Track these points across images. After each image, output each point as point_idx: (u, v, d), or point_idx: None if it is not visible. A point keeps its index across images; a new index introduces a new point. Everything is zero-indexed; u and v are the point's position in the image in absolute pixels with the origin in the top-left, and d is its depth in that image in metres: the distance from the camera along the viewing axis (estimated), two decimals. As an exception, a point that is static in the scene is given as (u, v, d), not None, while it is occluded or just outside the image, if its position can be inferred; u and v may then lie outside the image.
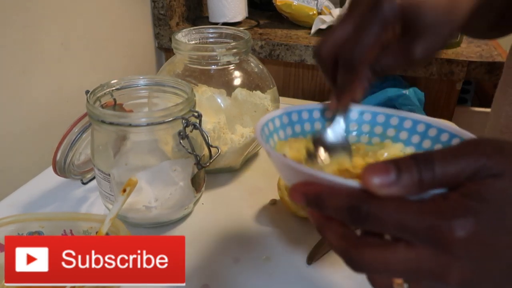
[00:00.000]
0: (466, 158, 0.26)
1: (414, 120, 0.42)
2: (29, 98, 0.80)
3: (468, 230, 0.24)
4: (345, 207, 0.27)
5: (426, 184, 0.26)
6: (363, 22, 0.36)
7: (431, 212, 0.25)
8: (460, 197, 0.25)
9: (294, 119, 0.43)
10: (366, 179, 0.26)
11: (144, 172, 0.53)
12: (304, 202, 0.29)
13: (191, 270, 0.51)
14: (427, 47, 0.37)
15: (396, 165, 0.26)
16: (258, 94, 0.67)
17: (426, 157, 0.26)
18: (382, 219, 0.26)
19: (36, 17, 0.79)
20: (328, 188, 0.28)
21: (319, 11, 1.24)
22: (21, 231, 0.50)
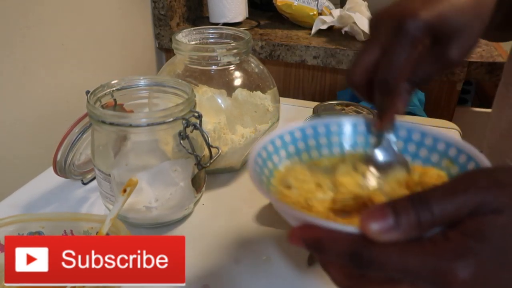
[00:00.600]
0: (464, 195, 0.26)
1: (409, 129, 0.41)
2: (30, 98, 0.80)
3: (470, 270, 0.24)
4: (346, 253, 0.26)
5: (425, 226, 0.26)
6: (391, 44, 0.37)
7: (433, 254, 0.25)
8: (460, 237, 0.25)
9: (287, 140, 0.41)
10: (364, 225, 0.26)
11: (145, 173, 0.53)
12: (304, 247, 0.29)
13: (192, 271, 0.51)
14: (462, 48, 0.37)
15: (393, 208, 0.26)
16: (259, 95, 0.67)
17: (422, 198, 0.26)
18: (385, 264, 0.26)
19: (36, 17, 0.79)
20: (327, 233, 0.27)
21: (320, 11, 1.24)
22: (22, 231, 0.50)
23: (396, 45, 0.36)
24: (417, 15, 0.36)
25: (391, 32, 0.37)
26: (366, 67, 0.38)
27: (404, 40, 0.36)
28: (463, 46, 0.37)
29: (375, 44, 0.38)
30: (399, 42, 0.36)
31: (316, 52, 1.08)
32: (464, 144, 0.38)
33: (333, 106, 0.83)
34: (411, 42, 0.36)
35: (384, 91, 0.38)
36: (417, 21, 0.36)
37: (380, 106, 0.40)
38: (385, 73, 0.37)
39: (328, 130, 0.43)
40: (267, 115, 0.67)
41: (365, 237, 0.26)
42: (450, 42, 0.37)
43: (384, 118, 0.40)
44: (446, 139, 0.39)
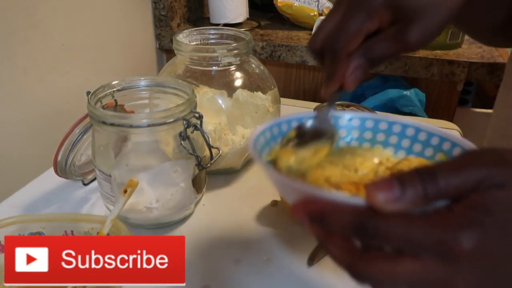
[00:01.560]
0: (469, 169, 0.26)
1: (404, 124, 0.41)
2: (30, 99, 0.80)
3: (474, 241, 0.25)
4: (351, 224, 0.27)
5: (430, 197, 0.26)
6: (348, 12, 0.37)
7: (437, 225, 0.25)
8: (464, 209, 0.25)
9: (284, 129, 0.41)
10: (371, 196, 0.26)
11: (145, 173, 0.53)
12: (308, 221, 0.29)
13: (192, 271, 0.51)
14: (423, 32, 0.36)
15: (399, 180, 0.26)
16: (259, 95, 0.67)
17: (429, 171, 0.26)
18: (390, 235, 0.26)
19: (37, 18, 0.79)
20: (331, 206, 0.28)
21: (320, 12, 1.24)
22: (22, 232, 0.50)
23: (352, 12, 0.37)
24: None
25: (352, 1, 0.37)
26: (324, 33, 0.39)
27: (360, 9, 0.37)
28: (424, 30, 0.36)
29: (336, 12, 0.38)
30: (356, 9, 0.37)
31: (316, 52, 1.08)
32: (447, 133, 0.38)
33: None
34: (367, 12, 0.36)
35: (330, 54, 0.38)
36: None
37: (327, 73, 0.40)
38: (334, 38, 0.38)
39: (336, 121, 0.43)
40: (268, 115, 0.67)
41: (371, 209, 0.26)
42: (410, 23, 0.36)
43: (328, 84, 0.40)
44: (440, 133, 0.39)
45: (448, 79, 1.03)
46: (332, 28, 0.38)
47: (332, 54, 0.38)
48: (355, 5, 0.37)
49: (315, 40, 0.40)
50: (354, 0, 0.37)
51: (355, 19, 0.37)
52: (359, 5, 0.37)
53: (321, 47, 0.39)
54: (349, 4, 0.38)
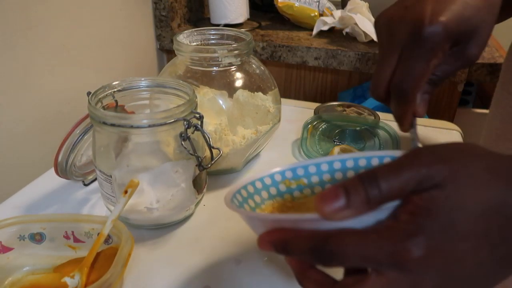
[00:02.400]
0: (408, 170, 0.26)
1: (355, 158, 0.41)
2: (31, 99, 0.80)
3: (422, 247, 0.25)
4: (309, 249, 0.28)
5: (374, 202, 0.27)
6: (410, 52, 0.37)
7: (387, 238, 0.26)
8: (408, 216, 0.26)
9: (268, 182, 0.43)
10: (319, 208, 0.27)
11: (146, 174, 0.53)
12: (273, 250, 0.30)
13: (193, 272, 0.51)
14: (480, 44, 0.38)
15: (344, 188, 0.27)
16: (260, 96, 0.67)
17: (370, 175, 0.27)
18: (345, 255, 0.27)
19: (38, 18, 0.79)
20: (291, 233, 0.29)
21: (321, 12, 1.24)
22: (23, 232, 0.50)
23: (413, 54, 0.37)
24: (435, 20, 0.35)
25: (410, 39, 0.36)
26: (387, 79, 0.39)
27: (423, 49, 0.36)
28: (481, 41, 0.38)
29: (393, 53, 0.38)
30: (416, 50, 0.36)
31: (317, 53, 1.08)
32: None
33: (334, 107, 0.83)
34: (431, 49, 0.36)
35: (401, 100, 0.39)
36: (436, 26, 0.35)
37: (397, 115, 0.41)
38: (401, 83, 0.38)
39: (307, 171, 0.43)
40: (268, 116, 0.67)
41: (324, 232, 0.27)
42: (469, 41, 0.37)
43: (403, 124, 0.41)
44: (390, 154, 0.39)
45: (448, 80, 1.03)
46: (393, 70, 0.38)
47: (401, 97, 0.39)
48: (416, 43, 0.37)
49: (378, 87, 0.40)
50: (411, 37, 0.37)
51: (420, 59, 0.37)
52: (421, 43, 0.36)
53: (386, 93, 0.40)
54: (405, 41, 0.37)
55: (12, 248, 0.50)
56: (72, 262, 0.50)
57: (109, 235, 0.49)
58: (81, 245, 0.51)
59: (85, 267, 0.48)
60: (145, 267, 0.52)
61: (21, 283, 0.49)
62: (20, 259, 0.50)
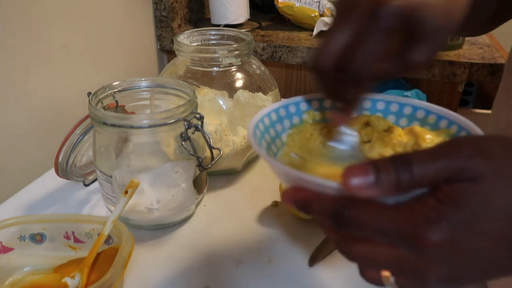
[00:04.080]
0: (445, 159, 0.26)
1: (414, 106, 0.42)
2: (31, 99, 0.80)
3: (441, 235, 0.25)
4: (329, 213, 0.28)
5: (403, 186, 0.26)
6: (365, 30, 0.34)
7: (408, 218, 0.26)
8: (435, 203, 0.26)
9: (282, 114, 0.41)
10: (346, 181, 0.27)
11: (146, 174, 0.53)
12: (294, 207, 0.30)
13: (193, 272, 0.51)
14: (428, 53, 0.35)
15: (375, 166, 0.27)
16: (260, 96, 0.67)
17: (404, 159, 0.26)
18: (363, 225, 0.27)
19: (38, 19, 0.79)
20: (314, 194, 0.29)
21: (321, 13, 1.24)
22: (23, 233, 0.50)
23: (373, 33, 0.34)
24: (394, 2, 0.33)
25: (366, 17, 0.34)
26: (336, 53, 0.35)
27: (381, 29, 0.34)
28: (429, 51, 0.35)
29: (345, 27, 0.35)
30: (375, 29, 0.34)
31: (317, 53, 1.08)
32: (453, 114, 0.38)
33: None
34: (387, 30, 0.34)
35: (356, 82, 0.36)
36: (394, 7, 0.33)
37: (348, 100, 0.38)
38: (360, 64, 0.35)
39: None
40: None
41: (346, 198, 0.27)
42: (417, 44, 0.35)
43: (348, 111, 0.39)
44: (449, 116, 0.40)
45: (449, 80, 1.02)
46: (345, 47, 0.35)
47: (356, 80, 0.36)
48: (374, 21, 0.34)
49: (325, 59, 0.36)
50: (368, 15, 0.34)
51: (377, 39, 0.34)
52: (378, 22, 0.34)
53: (334, 68, 0.36)
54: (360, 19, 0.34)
55: (12, 248, 0.50)
56: (73, 263, 0.50)
57: (109, 235, 0.49)
58: (81, 245, 0.51)
59: (86, 267, 0.48)
60: (146, 267, 0.52)
61: (21, 283, 0.49)
62: (20, 260, 0.50)
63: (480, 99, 1.38)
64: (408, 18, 0.34)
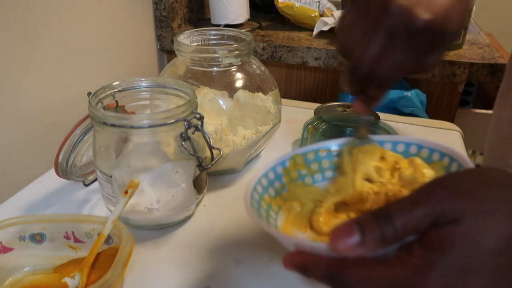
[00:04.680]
0: (423, 207, 0.26)
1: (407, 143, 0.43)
2: (32, 100, 0.80)
3: (436, 283, 0.25)
4: (325, 275, 0.29)
5: (388, 240, 0.27)
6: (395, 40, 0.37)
7: (399, 272, 0.26)
8: (422, 251, 0.26)
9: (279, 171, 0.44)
10: (333, 244, 0.28)
11: (146, 174, 0.53)
12: (295, 272, 0.32)
13: (193, 272, 0.51)
14: (441, 56, 0.39)
15: (358, 225, 0.28)
16: (260, 96, 0.67)
17: (384, 212, 0.27)
18: (356, 284, 0.27)
19: (38, 19, 0.79)
20: (310, 258, 0.30)
21: (321, 13, 1.24)
22: (23, 233, 0.50)
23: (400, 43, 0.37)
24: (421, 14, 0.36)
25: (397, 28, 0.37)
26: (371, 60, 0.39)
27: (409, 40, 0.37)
28: (442, 53, 0.39)
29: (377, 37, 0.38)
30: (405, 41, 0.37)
31: (317, 53, 1.08)
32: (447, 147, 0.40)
33: (334, 108, 0.83)
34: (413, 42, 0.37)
35: (383, 84, 0.40)
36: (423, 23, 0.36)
37: (372, 97, 0.42)
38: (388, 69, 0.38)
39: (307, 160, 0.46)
40: (269, 116, 0.67)
41: (338, 261, 0.28)
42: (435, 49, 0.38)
43: (371, 105, 0.43)
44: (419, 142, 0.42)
45: (449, 80, 1.03)
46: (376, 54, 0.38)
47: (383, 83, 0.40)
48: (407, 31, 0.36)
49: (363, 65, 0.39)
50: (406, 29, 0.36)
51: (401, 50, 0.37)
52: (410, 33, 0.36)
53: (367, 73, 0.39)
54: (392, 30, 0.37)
55: (12, 248, 0.50)
56: (73, 263, 0.50)
57: (109, 235, 0.49)
58: (81, 245, 0.51)
59: (86, 267, 0.48)
60: (146, 268, 0.52)
61: (21, 283, 0.49)
62: (20, 260, 0.50)
63: (480, 99, 1.38)
64: (433, 32, 0.36)
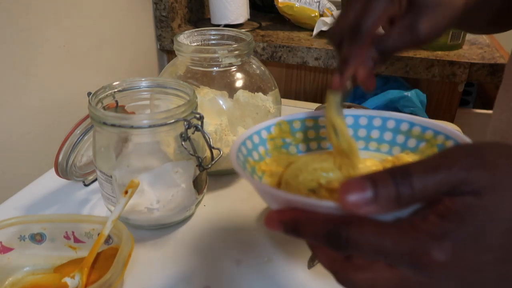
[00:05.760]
0: (446, 171, 0.25)
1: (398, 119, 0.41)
2: (31, 100, 0.80)
3: (446, 253, 0.24)
4: (323, 233, 0.26)
5: (404, 201, 0.25)
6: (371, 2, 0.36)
7: (409, 235, 0.24)
8: (437, 219, 0.25)
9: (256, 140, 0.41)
10: (342, 198, 0.25)
11: (146, 174, 0.53)
12: (282, 230, 0.28)
13: (193, 272, 0.51)
14: (432, 25, 0.36)
15: (372, 180, 0.25)
16: (260, 96, 0.67)
17: (403, 171, 0.25)
18: (361, 245, 0.25)
19: (38, 19, 0.79)
20: (304, 214, 0.27)
21: (321, 13, 1.24)
22: (23, 232, 0.50)
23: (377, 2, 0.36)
24: None
25: None
26: (346, 22, 0.38)
27: None
28: (433, 23, 0.36)
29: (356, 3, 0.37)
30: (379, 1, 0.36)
31: (317, 53, 1.08)
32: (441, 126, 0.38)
33: (334, 108, 0.83)
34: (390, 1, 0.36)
35: (353, 36, 0.37)
36: None
37: (345, 57, 0.38)
38: (359, 22, 0.37)
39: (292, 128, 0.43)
40: (269, 116, 0.67)
41: (342, 217, 0.25)
42: (421, 14, 0.36)
43: (343, 72, 0.39)
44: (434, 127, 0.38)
45: (449, 80, 1.03)
46: (354, 15, 0.37)
47: (353, 35, 0.37)
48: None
49: (337, 27, 0.38)
50: None
51: (378, 3, 0.36)
52: None
53: (342, 35, 0.38)
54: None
55: (12, 248, 0.50)
56: (73, 263, 0.50)
57: (109, 235, 0.49)
58: (81, 245, 0.51)
59: (86, 267, 0.48)
60: (145, 267, 0.52)
61: (21, 283, 0.49)
62: (20, 260, 0.50)
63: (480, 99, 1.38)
64: None
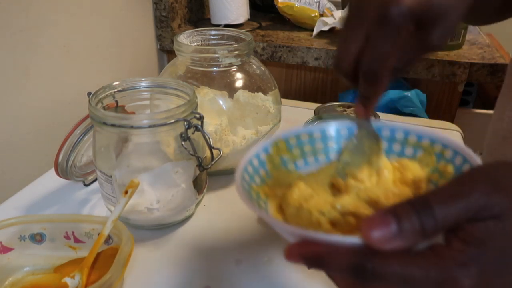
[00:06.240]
0: (466, 199, 0.25)
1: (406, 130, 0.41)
2: (31, 100, 0.80)
3: (473, 278, 0.24)
4: (349, 266, 0.26)
5: (429, 232, 0.25)
6: (376, 32, 0.36)
7: (436, 264, 0.25)
8: (461, 245, 0.25)
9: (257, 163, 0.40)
10: (366, 234, 0.25)
11: (146, 174, 0.53)
12: (304, 264, 0.28)
13: (193, 272, 0.51)
14: (445, 32, 0.36)
15: (394, 214, 0.25)
16: (260, 96, 0.67)
17: (423, 201, 0.25)
18: (389, 276, 0.25)
19: (38, 19, 0.79)
20: (327, 247, 0.27)
21: (321, 13, 1.24)
22: (23, 233, 0.50)
23: (381, 33, 0.36)
24: (401, 2, 0.35)
25: (376, 19, 0.36)
26: (353, 55, 0.37)
27: (389, 28, 0.35)
28: (446, 29, 0.37)
29: (359, 31, 0.37)
30: (384, 30, 0.35)
31: (317, 53, 1.08)
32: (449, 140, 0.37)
33: (334, 108, 0.83)
34: (396, 30, 0.35)
35: (371, 80, 0.37)
36: (401, 8, 0.35)
37: (366, 96, 0.39)
38: (372, 63, 0.36)
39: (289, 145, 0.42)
40: (269, 116, 0.67)
41: (367, 249, 0.25)
42: (433, 27, 0.36)
43: (368, 106, 0.39)
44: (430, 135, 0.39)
45: (449, 80, 1.03)
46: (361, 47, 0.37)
47: (372, 78, 0.37)
48: (382, 23, 0.35)
49: (345, 61, 0.38)
50: (378, 17, 0.36)
51: (387, 39, 0.36)
52: (386, 23, 0.35)
53: (353, 69, 0.38)
54: (372, 21, 0.36)
55: (12, 248, 0.50)
56: (73, 263, 0.50)
57: (109, 235, 0.49)
58: (81, 245, 0.51)
59: (86, 267, 0.48)
60: (145, 267, 0.52)
61: (21, 283, 0.49)
62: (20, 260, 0.50)
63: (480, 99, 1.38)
64: (417, 12, 0.35)
